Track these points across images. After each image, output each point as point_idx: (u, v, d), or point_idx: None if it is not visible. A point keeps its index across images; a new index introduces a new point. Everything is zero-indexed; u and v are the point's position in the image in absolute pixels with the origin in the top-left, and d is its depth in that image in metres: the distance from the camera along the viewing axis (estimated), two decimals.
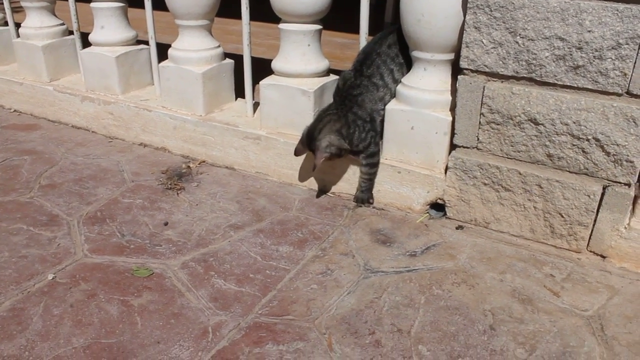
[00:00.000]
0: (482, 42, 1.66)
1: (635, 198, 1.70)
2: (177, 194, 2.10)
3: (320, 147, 1.88)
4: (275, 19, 2.07)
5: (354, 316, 1.51)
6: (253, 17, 2.15)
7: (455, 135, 1.82)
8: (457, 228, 1.90)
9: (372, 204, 2.01)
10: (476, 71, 1.71)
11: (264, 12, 2.09)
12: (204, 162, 2.32)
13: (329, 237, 1.85)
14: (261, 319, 1.50)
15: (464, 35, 1.69)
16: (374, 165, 1.96)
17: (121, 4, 2.46)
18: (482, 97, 1.72)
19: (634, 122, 1.56)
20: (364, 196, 2.00)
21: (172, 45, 2.30)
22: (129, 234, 1.86)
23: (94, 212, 1.98)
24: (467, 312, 1.52)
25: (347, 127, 1.90)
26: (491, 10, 1.62)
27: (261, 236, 1.85)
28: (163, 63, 2.34)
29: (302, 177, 2.13)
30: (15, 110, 2.87)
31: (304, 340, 1.43)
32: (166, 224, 1.92)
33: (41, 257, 1.74)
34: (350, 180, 2.03)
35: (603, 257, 1.74)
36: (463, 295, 1.59)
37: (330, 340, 1.43)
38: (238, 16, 2.14)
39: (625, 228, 1.68)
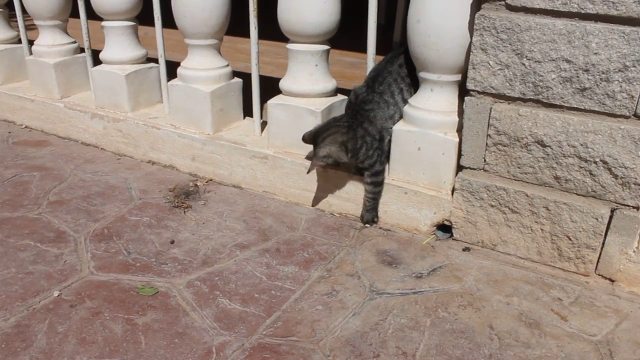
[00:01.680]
0: (489, 63, 1.67)
1: None
2: (184, 212, 2.10)
3: (318, 154, 1.91)
4: (285, 38, 2.08)
5: (358, 338, 1.50)
6: (263, 35, 2.17)
7: (462, 156, 1.82)
8: (463, 250, 1.88)
9: (376, 222, 2.01)
10: (483, 93, 1.71)
11: (273, 31, 2.11)
12: (211, 180, 2.33)
13: (335, 257, 1.84)
14: (265, 340, 1.49)
15: (470, 57, 1.69)
16: (378, 184, 1.95)
17: (131, 23, 2.49)
18: (489, 119, 1.72)
19: None
20: (369, 216, 2.00)
21: (181, 64, 2.32)
22: (135, 252, 1.86)
23: (101, 229, 1.99)
24: (472, 336, 1.51)
25: (354, 142, 1.89)
26: (497, 32, 1.62)
27: (267, 256, 1.85)
28: (172, 81, 2.36)
29: (308, 199, 2.13)
30: (26, 127, 2.90)
31: None
32: (172, 242, 1.92)
33: (47, 274, 1.75)
34: (356, 200, 2.03)
35: (612, 280, 1.72)
36: (469, 318, 1.57)
37: None
38: (248, 35, 2.16)
39: (634, 252, 1.67)
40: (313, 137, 1.94)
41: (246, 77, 2.39)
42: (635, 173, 1.58)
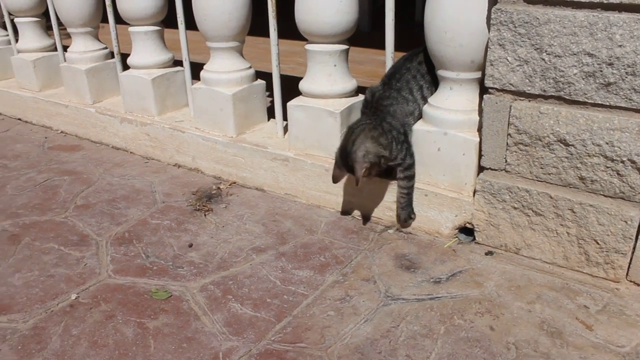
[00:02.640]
0: (507, 59, 1.59)
1: None
2: (205, 215, 2.11)
3: (357, 158, 1.76)
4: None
5: (368, 346, 1.45)
6: (288, 35, 2.15)
7: (483, 156, 1.74)
8: (486, 254, 1.81)
9: (413, 219, 1.94)
10: (502, 90, 1.64)
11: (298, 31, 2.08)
12: (234, 183, 2.33)
13: (352, 261, 1.80)
14: (273, 346, 1.47)
15: (487, 53, 1.62)
16: (411, 177, 1.87)
17: (157, 28, 2.52)
18: (509, 117, 1.64)
19: None
20: (406, 213, 1.91)
21: (204, 67, 2.33)
22: (154, 256, 1.88)
23: (122, 233, 2.02)
24: (488, 345, 1.44)
25: (385, 136, 1.80)
26: (515, 27, 1.55)
27: (283, 260, 1.83)
28: (195, 85, 2.38)
29: (329, 201, 2.10)
30: (62, 132, 2.98)
31: None
32: (191, 245, 1.93)
33: (67, 277, 1.78)
34: (377, 202, 1.98)
35: None
36: (486, 326, 1.50)
37: None
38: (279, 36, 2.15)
39: None
40: (342, 152, 1.82)
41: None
42: None
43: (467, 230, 1.87)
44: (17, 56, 3.07)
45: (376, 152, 1.77)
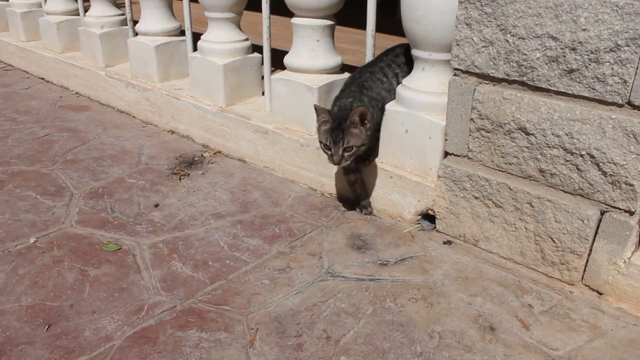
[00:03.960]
0: (473, 40, 1.52)
1: None
2: (180, 179, 2.13)
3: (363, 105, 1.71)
4: None
5: (289, 316, 1.43)
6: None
7: (446, 141, 1.68)
8: (444, 243, 1.74)
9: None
10: (467, 72, 1.57)
11: None
12: (219, 152, 2.34)
13: (305, 236, 1.78)
14: (198, 305, 1.47)
15: (455, 33, 1.55)
16: None
17: None
18: (472, 101, 1.57)
19: (635, 138, 1.34)
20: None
21: (202, 37, 2.35)
22: (118, 211, 1.91)
23: (97, 188, 2.06)
24: (411, 331, 1.38)
25: (369, 110, 1.76)
26: (482, 5, 1.48)
27: (238, 227, 1.82)
28: (192, 54, 2.40)
29: (303, 177, 2.07)
30: (76, 93, 3.09)
31: (229, 332, 1.38)
32: (157, 205, 1.95)
33: (33, 223, 1.84)
34: (346, 184, 1.95)
35: (600, 293, 1.51)
36: (415, 313, 1.45)
37: (253, 336, 1.36)
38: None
39: (625, 262, 1.45)
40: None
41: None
42: (626, 171, 1.37)
43: (430, 218, 1.81)
44: (43, 18, 3.20)
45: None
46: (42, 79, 3.34)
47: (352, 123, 1.66)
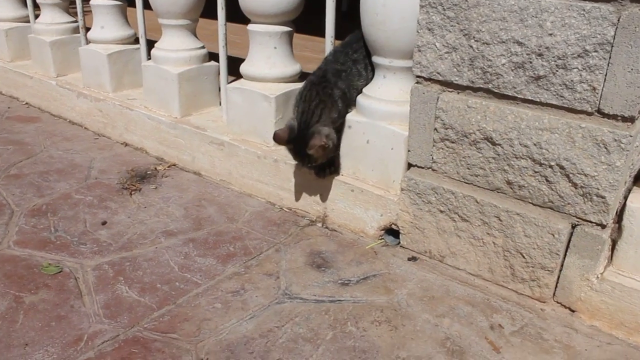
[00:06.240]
0: (436, 45, 1.44)
1: (614, 243, 1.40)
2: (131, 194, 2.00)
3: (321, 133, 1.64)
4: None
5: (242, 344, 1.31)
6: None
7: (409, 152, 1.59)
8: (409, 259, 1.65)
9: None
10: (429, 79, 1.49)
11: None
12: (174, 165, 2.22)
13: (261, 254, 1.67)
14: (143, 334, 1.35)
15: (416, 38, 1.47)
16: None
17: (118, 3, 2.43)
18: (436, 110, 1.49)
19: (606, 148, 1.27)
20: None
21: (155, 44, 2.23)
22: (62, 230, 1.78)
23: (41, 205, 1.92)
24: (374, 357, 1.28)
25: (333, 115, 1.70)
26: (444, 9, 1.40)
27: (190, 246, 1.70)
28: (145, 62, 2.28)
29: (261, 191, 1.97)
30: (26, 103, 2.92)
31: None
32: (104, 223, 1.82)
33: None
34: (306, 195, 1.85)
35: (572, 310, 1.44)
36: (379, 337, 1.35)
37: None
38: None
39: (597, 278, 1.38)
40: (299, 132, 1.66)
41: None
42: (597, 182, 1.30)
43: (394, 233, 1.72)
44: None
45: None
46: None
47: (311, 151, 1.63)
